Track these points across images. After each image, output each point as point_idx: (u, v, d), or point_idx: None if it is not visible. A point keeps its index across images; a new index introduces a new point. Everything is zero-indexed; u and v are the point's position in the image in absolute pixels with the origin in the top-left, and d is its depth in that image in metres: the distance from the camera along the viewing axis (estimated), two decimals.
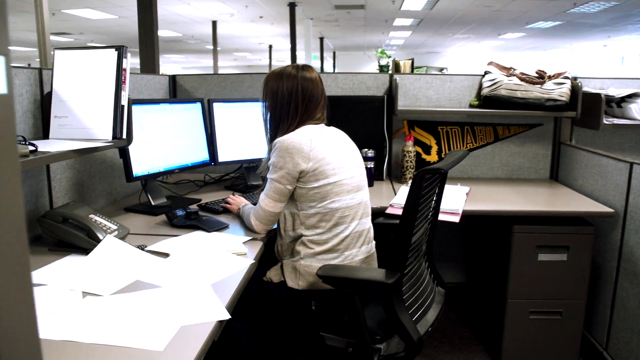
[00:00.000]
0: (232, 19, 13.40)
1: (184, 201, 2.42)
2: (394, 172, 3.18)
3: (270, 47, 20.17)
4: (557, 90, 2.82)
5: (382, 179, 3.04)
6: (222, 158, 2.67)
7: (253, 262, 1.68)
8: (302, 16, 13.38)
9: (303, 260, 1.83)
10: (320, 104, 1.95)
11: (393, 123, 3.15)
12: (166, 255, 1.70)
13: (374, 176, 2.92)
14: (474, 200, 2.52)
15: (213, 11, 12.28)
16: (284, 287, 1.86)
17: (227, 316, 1.27)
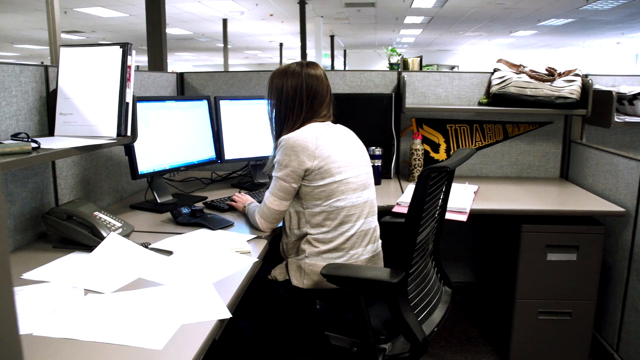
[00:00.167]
0: (243, 17, 13.42)
1: (190, 199, 2.41)
2: (402, 170, 3.16)
3: (280, 45, 20.18)
4: (568, 87, 2.78)
5: (390, 177, 3.02)
6: (229, 156, 2.66)
7: (257, 261, 1.66)
8: (313, 14, 13.37)
9: (308, 259, 1.82)
10: (325, 101, 1.93)
11: (401, 121, 3.13)
12: (170, 253, 1.69)
13: (382, 174, 2.89)
14: (483, 199, 2.50)
15: (224, 9, 12.30)
16: (289, 286, 1.85)
17: (228, 315, 1.26)
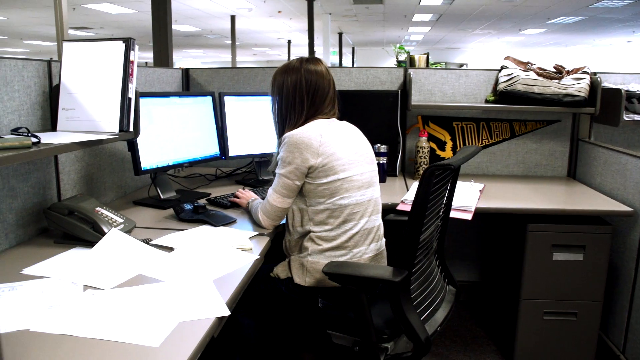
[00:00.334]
0: (251, 14, 13.41)
1: (194, 195, 2.40)
2: (408, 168, 3.13)
3: (289, 42, 20.15)
4: (576, 85, 2.75)
5: (396, 175, 3.00)
6: (233, 152, 2.65)
7: (258, 258, 1.65)
8: (321, 11, 13.34)
9: (310, 256, 1.80)
10: (328, 97, 1.90)
11: (407, 118, 3.10)
12: (171, 249, 1.68)
13: (387, 172, 2.87)
14: (489, 197, 2.47)
15: (231, 6, 12.29)
16: (291, 284, 1.83)
17: (227, 313, 1.25)
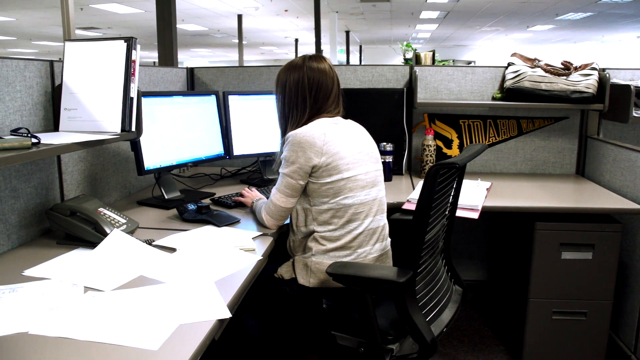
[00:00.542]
0: (258, 13, 13.41)
1: (198, 195, 2.39)
2: (414, 167, 3.11)
3: (296, 41, 20.12)
4: (584, 81, 2.71)
5: (402, 174, 2.97)
6: (238, 151, 2.63)
7: (260, 259, 1.63)
8: (327, 9, 13.31)
9: (315, 257, 1.78)
10: (332, 95, 1.88)
11: (413, 116, 3.07)
12: (173, 250, 1.67)
13: (393, 170, 2.85)
14: (496, 196, 2.44)
15: (238, 5, 12.29)
16: (295, 284, 1.81)
17: (228, 315, 1.23)
